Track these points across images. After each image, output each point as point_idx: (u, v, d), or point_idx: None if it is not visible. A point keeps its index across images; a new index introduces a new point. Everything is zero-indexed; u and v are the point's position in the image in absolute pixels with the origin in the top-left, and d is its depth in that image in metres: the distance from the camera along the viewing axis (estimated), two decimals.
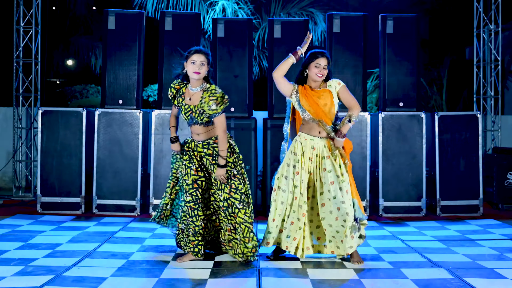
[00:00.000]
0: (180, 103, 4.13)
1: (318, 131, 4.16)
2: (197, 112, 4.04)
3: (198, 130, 4.11)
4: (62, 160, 6.32)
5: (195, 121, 4.07)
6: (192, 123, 4.11)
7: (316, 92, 4.15)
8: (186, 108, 4.08)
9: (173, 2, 12.47)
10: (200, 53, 4.05)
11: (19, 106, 7.60)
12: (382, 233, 5.34)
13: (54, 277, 3.60)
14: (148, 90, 13.88)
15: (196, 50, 4.07)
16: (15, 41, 7.55)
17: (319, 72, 4.12)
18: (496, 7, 7.82)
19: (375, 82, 12.09)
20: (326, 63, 4.15)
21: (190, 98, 4.09)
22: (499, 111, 8.01)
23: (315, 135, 4.16)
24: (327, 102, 4.12)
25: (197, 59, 4.03)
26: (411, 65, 6.47)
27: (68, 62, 16.77)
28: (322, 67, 4.13)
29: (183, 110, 4.10)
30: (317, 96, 4.12)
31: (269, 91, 6.45)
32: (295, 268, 3.95)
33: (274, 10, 13.12)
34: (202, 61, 4.04)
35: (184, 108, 4.10)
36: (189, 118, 4.08)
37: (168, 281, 3.59)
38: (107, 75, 6.42)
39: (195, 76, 4.03)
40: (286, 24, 6.53)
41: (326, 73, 4.15)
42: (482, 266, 4.03)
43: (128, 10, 6.78)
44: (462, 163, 6.42)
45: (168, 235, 5.14)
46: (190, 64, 4.05)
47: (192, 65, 4.03)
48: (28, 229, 5.29)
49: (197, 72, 4.02)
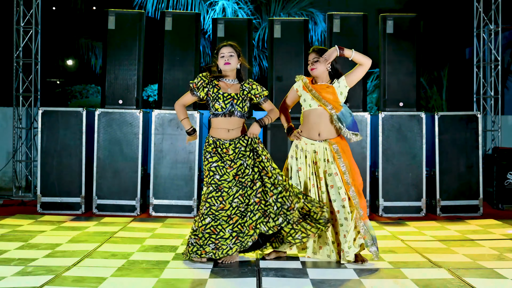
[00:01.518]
0: (215, 93, 4.04)
1: (318, 132, 4.14)
2: (240, 99, 4.03)
3: (231, 124, 4.03)
4: (62, 160, 6.32)
5: (232, 111, 4.02)
6: (223, 115, 4.01)
7: (320, 86, 4.16)
8: (225, 96, 4.02)
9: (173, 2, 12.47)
10: (227, 46, 4.08)
11: (19, 106, 7.60)
12: (382, 233, 5.34)
13: (54, 277, 3.60)
14: (148, 90, 13.90)
15: (223, 43, 4.11)
16: (15, 41, 7.55)
17: (310, 67, 4.16)
18: (496, 7, 7.82)
19: (375, 82, 12.10)
20: (315, 56, 4.14)
21: (229, 88, 4.09)
22: (499, 111, 8.00)
23: (315, 139, 4.15)
24: (330, 96, 4.12)
25: (226, 51, 4.06)
26: (411, 65, 6.47)
27: (68, 62, 16.78)
28: (311, 61, 4.15)
29: (221, 98, 4.01)
30: (321, 89, 4.13)
31: (269, 91, 6.45)
32: (295, 268, 3.95)
33: (274, 10, 13.12)
34: (230, 52, 4.06)
35: (222, 96, 4.02)
36: (227, 106, 4.01)
37: (168, 281, 3.59)
38: (107, 75, 6.42)
39: (226, 67, 4.05)
40: (286, 24, 6.53)
41: (318, 66, 4.12)
42: (482, 266, 4.03)
43: (128, 10, 6.78)
44: (462, 163, 6.42)
45: (168, 235, 5.14)
46: (220, 58, 4.08)
47: (222, 59, 4.06)
48: (28, 229, 5.29)
49: (227, 62, 4.04)
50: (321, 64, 4.13)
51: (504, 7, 7.84)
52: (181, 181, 6.23)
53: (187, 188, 6.24)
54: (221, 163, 3.99)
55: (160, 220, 5.93)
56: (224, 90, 4.08)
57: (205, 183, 4.03)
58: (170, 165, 6.26)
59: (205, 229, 3.96)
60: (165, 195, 6.26)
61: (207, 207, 3.96)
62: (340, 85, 4.15)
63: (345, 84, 4.14)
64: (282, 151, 6.29)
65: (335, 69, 4.19)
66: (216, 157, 4.01)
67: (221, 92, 4.05)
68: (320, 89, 4.13)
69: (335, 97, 4.12)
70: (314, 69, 4.14)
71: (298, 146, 4.19)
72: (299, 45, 6.45)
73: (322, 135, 4.13)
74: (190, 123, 4.17)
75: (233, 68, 4.08)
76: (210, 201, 3.96)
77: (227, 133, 4.04)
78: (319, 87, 4.14)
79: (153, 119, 6.30)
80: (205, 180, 4.03)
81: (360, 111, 6.37)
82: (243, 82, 4.16)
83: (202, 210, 3.99)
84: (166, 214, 6.23)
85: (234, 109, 4.03)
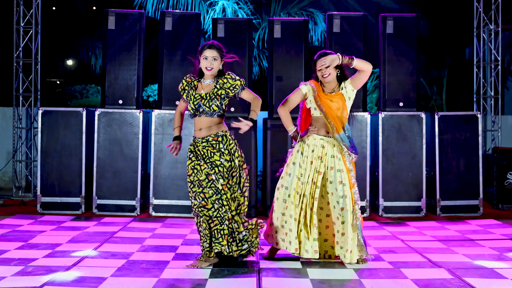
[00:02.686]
0: (190, 94, 4.08)
1: (327, 131, 4.15)
2: (207, 98, 4.02)
3: (201, 124, 4.04)
4: (62, 160, 6.32)
5: (200, 110, 4.02)
6: (195, 115, 4.05)
7: (329, 96, 4.13)
8: (195, 97, 4.04)
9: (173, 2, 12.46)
10: (212, 48, 4.03)
11: (19, 106, 7.60)
12: (382, 233, 5.34)
13: (54, 277, 3.60)
14: (148, 90, 13.89)
15: (208, 45, 4.06)
16: (15, 41, 7.55)
17: (322, 74, 4.12)
18: (496, 7, 7.82)
19: (375, 82, 12.09)
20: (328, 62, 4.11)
21: (203, 89, 4.08)
22: (499, 111, 8.00)
23: (324, 135, 4.15)
24: (339, 106, 4.11)
25: (209, 54, 4.03)
26: (411, 65, 6.47)
27: (68, 62, 16.76)
28: (323, 68, 4.11)
29: (191, 99, 4.05)
30: (330, 100, 4.11)
31: (269, 91, 6.45)
32: (295, 268, 3.95)
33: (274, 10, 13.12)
34: (214, 56, 4.03)
35: (193, 97, 4.05)
36: (196, 106, 4.02)
37: (168, 281, 3.59)
38: (107, 75, 6.42)
39: (207, 72, 4.05)
40: (286, 24, 6.53)
41: (331, 72, 4.10)
42: (482, 266, 4.03)
43: (128, 10, 6.79)
44: (462, 163, 6.42)
45: (168, 235, 5.14)
46: (202, 59, 4.05)
47: (204, 61, 4.04)
48: (28, 229, 5.29)
49: (209, 68, 4.03)
50: (332, 69, 4.10)
51: (504, 7, 7.84)
52: (181, 181, 6.23)
53: (187, 188, 6.21)
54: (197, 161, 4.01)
55: (160, 220, 5.93)
56: (198, 91, 4.10)
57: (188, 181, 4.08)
58: (170, 165, 6.26)
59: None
60: (165, 195, 6.26)
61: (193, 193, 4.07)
62: (347, 90, 4.14)
63: (351, 88, 4.14)
64: (282, 151, 6.29)
65: (342, 68, 4.17)
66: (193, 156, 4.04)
67: (192, 93, 4.08)
68: (330, 102, 4.10)
69: (344, 105, 4.11)
70: (327, 76, 4.11)
71: (306, 141, 4.18)
72: (299, 45, 6.45)
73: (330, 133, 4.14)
74: (179, 132, 4.24)
75: (214, 72, 4.06)
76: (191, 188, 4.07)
77: (200, 132, 4.06)
78: (329, 99, 4.10)
79: (153, 119, 6.30)
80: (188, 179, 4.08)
81: (360, 111, 6.37)
82: (219, 78, 4.08)
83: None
84: (166, 214, 6.23)
85: (202, 109, 4.02)
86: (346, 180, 4.06)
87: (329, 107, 4.09)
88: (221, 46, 4.09)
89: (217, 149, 4.00)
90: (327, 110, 4.10)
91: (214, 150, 4.00)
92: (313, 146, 4.15)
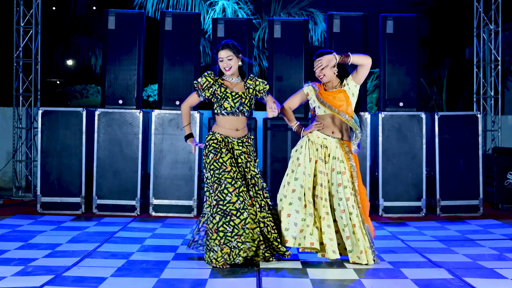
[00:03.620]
0: (222, 92, 4.05)
1: (332, 131, 4.13)
2: (247, 98, 4.06)
3: (239, 124, 4.06)
4: (62, 160, 6.32)
5: (240, 110, 4.03)
6: (234, 113, 4.03)
7: (331, 93, 4.12)
8: (234, 96, 4.04)
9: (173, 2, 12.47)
10: (225, 49, 4.05)
11: (19, 106, 7.60)
12: (382, 233, 5.34)
13: (54, 277, 3.60)
14: (148, 90, 13.89)
15: (222, 46, 4.08)
16: (15, 41, 7.55)
17: (319, 74, 4.12)
18: (496, 7, 7.82)
19: (375, 82, 12.09)
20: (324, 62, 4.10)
21: (234, 88, 4.10)
22: (499, 111, 8.01)
23: (328, 135, 4.14)
24: (342, 103, 4.09)
25: (224, 55, 4.04)
26: (411, 65, 6.47)
27: (68, 62, 16.77)
28: (318, 70, 4.10)
29: (230, 97, 4.03)
30: (332, 96, 4.10)
31: (269, 91, 6.45)
32: (295, 268, 3.95)
33: (274, 10, 13.12)
34: (229, 56, 4.04)
35: (231, 95, 4.04)
36: (237, 105, 4.02)
37: (168, 281, 3.59)
38: (107, 75, 6.42)
39: (227, 72, 4.07)
40: (286, 24, 6.53)
41: (326, 72, 4.10)
42: (482, 266, 4.03)
43: (128, 10, 6.79)
44: (462, 163, 6.42)
45: (168, 235, 5.14)
46: (220, 62, 4.07)
47: (221, 63, 4.06)
48: (28, 229, 5.29)
49: (227, 68, 4.05)
50: (329, 69, 4.10)
51: (504, 7, 7.84)
52: (181, 181, 6.23)
53: (187, 188, 6.24)
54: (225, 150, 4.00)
55: (160, 220, 5.93)
56: (230, 89, 4.09)
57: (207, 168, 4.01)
58: (170, 165, 6.26)
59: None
60: (165, 195, 6.26)
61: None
62: (349, 86, 4.11)
63: (354, 84, 4.11)
64: (282, 151, 6.29)
65: (340, 67, 4.14)
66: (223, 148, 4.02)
67: (228, 91, 4.06)
68: (333, 98, 4.09)
69: (348, 101, 4.09)
70: (323, 77, 4.10)
71: (311, 138, 4.16)
72: (299, 45, 6.45)
73: (335, 134, 4.13)
74: (190, 129, 4.24)
75: (234, 71, 4.08)
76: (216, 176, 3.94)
77: (236, 132, 4.06)
78: (331, 96, 4.09)
79: (153, 119, 6.30)
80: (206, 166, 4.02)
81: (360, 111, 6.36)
82: (245, 79, 4.16)
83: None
84: (166, 214, 6.23)
85: (243, 108, 4.05)
86: (347, 182, 4.04)
87: (333, 101, 4.08)
88: (235, 44, 4.11)
89: (249, 154, 4.09)
90: (331, 103, 4.08)
91: (249, 158, 4.08)
92: (317, 145, 4.13)
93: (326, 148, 4.12)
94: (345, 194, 4.01)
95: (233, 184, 3.88)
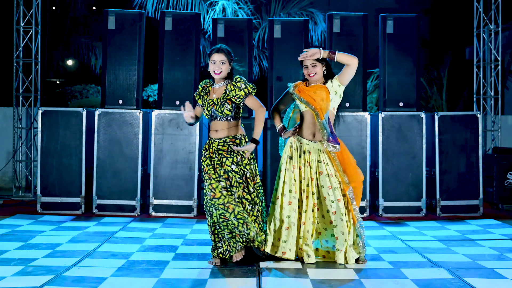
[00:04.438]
0: (205, 100, 4.15)
1: (313, 133, 4.14)
2: (219, 103, 4.06)
3: (217, 126, 4.11)
4: (62, 160, 6.32)
5: (215, 116, 4.09)
6: (212, 119, 4.12)
7: (312, 88, 4.14)
8: (208, 103, 4.11)
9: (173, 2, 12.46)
10: (220, 52, 4.07)
11: (19, 106, 7.60)
12: (382, 233, 5.34)
13: (54, 277, 3.60)
14: (148, 90, 13.88)
15: (217, 49, 4.09)
16: (15, 41, 7.55)
17: (309, 73, 4.14)
18: (496, 7, 7.82)
19: (375, 82, 12.08)
20: (312, 62, 4.11)
21: (214, 94, 4.12)
22: (499, 111, 8.01)
23: (310, 139, 4.15)
24: (323, 96, 4.10)
25: (217, 58, 4.06)
26: (411, 65, 6.47)
27: (68, 62, 16.76)
28: (309, 66, 4.12)
29: (206, 105, 4.12)
30: (312, 91, 4.12)
31: (269, 91, 6.45)
32: (295, 268, 3.96)
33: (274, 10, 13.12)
34: (222, 60, 4.06)
35: (207, 103, 4.12)
36: (210, 112, 4.10)
37: (168, 281, 3.59)
38: (107, 75, 6.42)
39: (216, 76, 4.09)
40: (286, 24, 6.53)
41: (317, 70, 4.11)
42: (482, 266, 4.03)
43: (128, 10, 6.78)
44: (462, 163, 6.42)
45: (168, 235, 5.14)
46: (211, 63, 4.09)
47: (212, 65, 4.07)
48: (28, 229, 5.29)
49: (217, 72, 4.07)
50: (319, 68, 4.11)
51: (504, 7, 7.84)
52: (181, 181, 6.23)
53: (187, 188, 6.24)
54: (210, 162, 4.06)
55: (160, 220, 5.94)
56: (210, 96, 4.15)
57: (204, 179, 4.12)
58: (170, 165, 6.26)
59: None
60: (165, 195, 6.26)
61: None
62: (333, 84, 4.14)
63: (338, 83, 4.13)
64: None
65: (327, 66, 4.17)
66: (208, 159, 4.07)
67: (206, 99, 4.16)
68: (309, 91, 4.12)
69: (327, 96, 4.09)
70: (313, 75, 4.12)
71: (293, 145, 4.20)
72: (299, 45, 6.44)
73: (316, 137, 4.14)
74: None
75: (223, 76, 4.10)
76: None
77: (216, 133, 4.13)
78: (309, 89, 4.13)
79: (153, 119, 6.30)
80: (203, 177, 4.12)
81: (360, 111, 6.37)
82: (228, 83, 4.12)
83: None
84: (166, 214, 6.23)
85: (215, 114, 4.09)
86: (337, 184, 4.06)
87: (311, 97, 4.10)
88: (230, 51, 4.13)
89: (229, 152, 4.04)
90: (308, 99, 4.09)
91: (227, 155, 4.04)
92: (299, 151, 4.16)
93: (310, 153, 4.13)
94: (336, 196, 4.04)
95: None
